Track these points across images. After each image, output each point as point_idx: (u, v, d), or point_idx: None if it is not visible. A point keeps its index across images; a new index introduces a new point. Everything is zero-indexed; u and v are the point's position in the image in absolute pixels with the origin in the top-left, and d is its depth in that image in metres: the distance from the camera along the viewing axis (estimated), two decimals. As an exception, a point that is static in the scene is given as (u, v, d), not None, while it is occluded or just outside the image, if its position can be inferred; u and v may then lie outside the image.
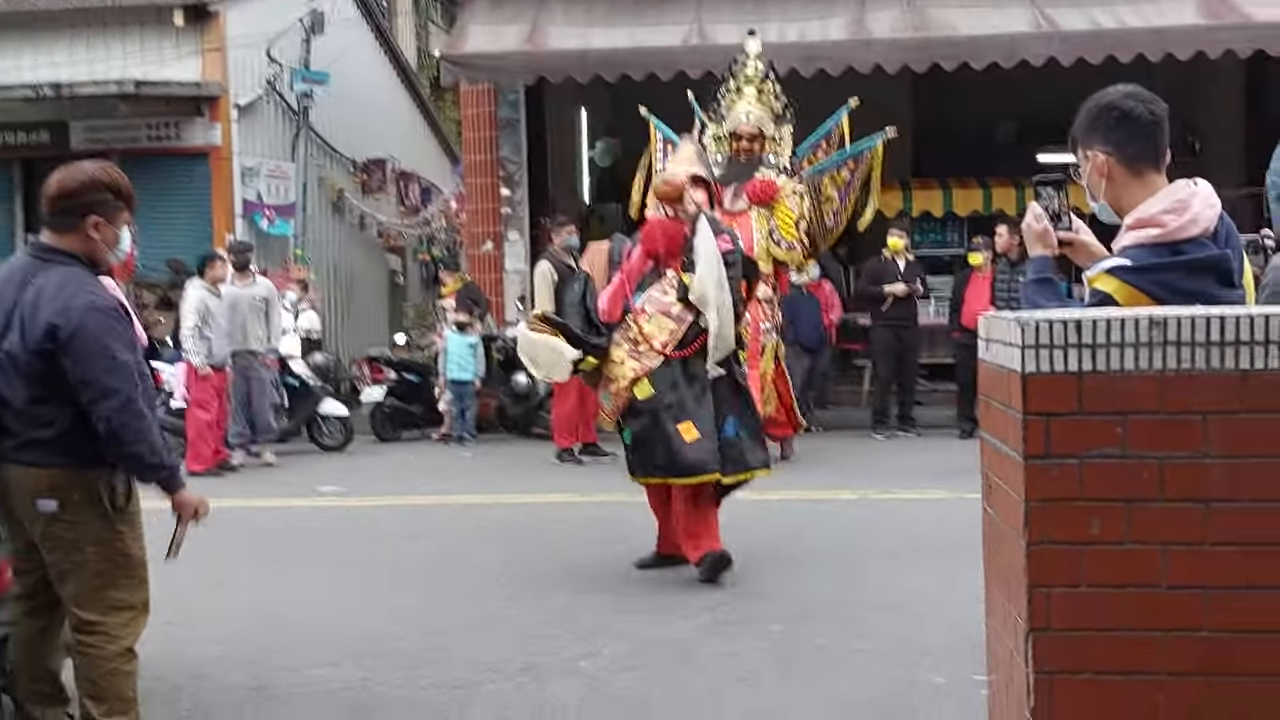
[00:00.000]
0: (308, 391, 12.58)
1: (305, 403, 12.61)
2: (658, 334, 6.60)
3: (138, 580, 4.12)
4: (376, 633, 5.78)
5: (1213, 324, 2.25)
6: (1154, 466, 2.25)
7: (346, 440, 12.70)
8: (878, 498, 9.19)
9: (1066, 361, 2.28)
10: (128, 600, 4.07)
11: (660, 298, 6.66)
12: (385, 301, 20.59)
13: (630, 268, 6.75)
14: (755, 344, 10.73)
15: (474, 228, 15.14)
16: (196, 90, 15.66)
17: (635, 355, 6.62)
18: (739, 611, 6.00)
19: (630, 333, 6.66)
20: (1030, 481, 2.28)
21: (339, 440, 12.66)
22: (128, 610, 4.07)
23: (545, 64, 13.61)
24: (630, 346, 6.65)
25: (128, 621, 4.07)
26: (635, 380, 6.57)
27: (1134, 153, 2.88)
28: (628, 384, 6.59)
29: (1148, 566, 2.25)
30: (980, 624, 3.09)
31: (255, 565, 7.34)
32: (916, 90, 16.48)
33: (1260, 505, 2.23)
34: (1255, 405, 2.23)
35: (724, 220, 10.66)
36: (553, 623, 5.89)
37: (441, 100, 23.74)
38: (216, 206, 15.92)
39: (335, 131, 18.50)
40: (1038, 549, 2.28)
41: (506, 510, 9.09)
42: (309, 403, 12.60)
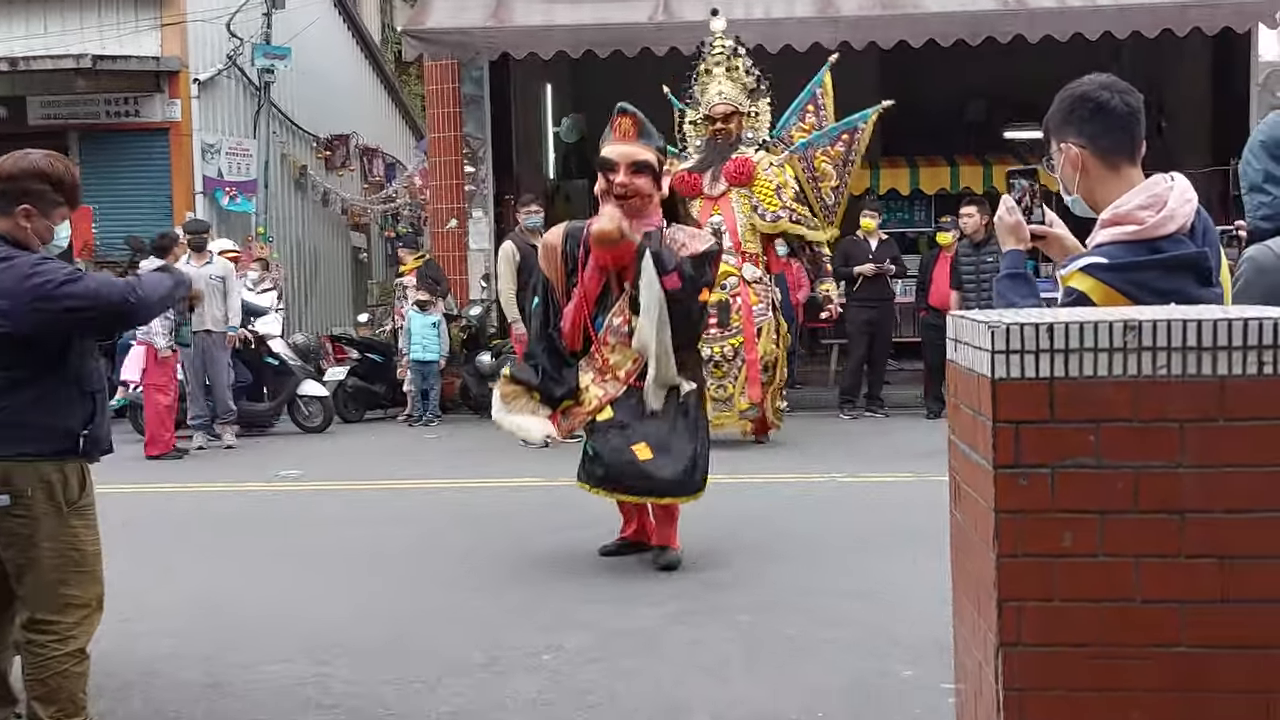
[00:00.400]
0: (288, 372, 12.43)
1: (285, 383, 12.45)
2: (622, 364, 6.49)
3: (91, 576, 4.01)
4: (334, 625, 5.67)
5: (1189, 328, 2.16)
6: (1128, 476, 2.17)
7: (327, 421, 12.54)
8: (845, 481, 9.13)
9: (1038, 367, 2.19)
10: (81, 597, 3.97)
11: (620, 327, 6.51)
12: (349, 279, 20.40)
13: (587, 288, 6.57)
14: (750, 328, 10.65)
15: (438, 205, 14.98)
16: (156, 65, 15.44)
17: (601, 383, 6.51)
18: (705, 600, 5.92)
19: (595, 362, 6.56)
20: (1000, 492, 2.19)
21: (319, 421, 12.50)
22: (82, 608, 3.97)
23: (509, 40, 13.45)
24: (596, 374, 6.55)
25: (81, 620, 3.96)
26: (599, 408, 6.47)
27: (1109, 145, 2.79)
28: (591, 410, 6.48)
29: (1122, 580, 2.17)
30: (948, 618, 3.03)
31: (211, 554, 7.20)
32: (883, 67, 16.40)
33: (1237, 517, 2.15)
34: (1233, 413, 2.15)
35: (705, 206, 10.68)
36: (515, 613, 5.79)
37: (406, 75, 23.50)
38: (176, 183, 15.71)
39: (298, 107, 18.28)
40: (1008, 562, 2.20)
41: (469, 495, 8.98)
42: (289, 383, 12.44)
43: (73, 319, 3.81)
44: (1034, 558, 2.19)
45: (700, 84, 10.94)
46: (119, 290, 3.89)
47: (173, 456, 10.84)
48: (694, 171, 10.80)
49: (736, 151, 10.78)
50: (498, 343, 13.25)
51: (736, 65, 10.89)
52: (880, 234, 13.05)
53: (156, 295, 4.02)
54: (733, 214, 10.74)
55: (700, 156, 10.91)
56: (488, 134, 14.71)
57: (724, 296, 10.54)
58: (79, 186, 4.04)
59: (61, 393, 3.89)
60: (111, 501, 8.26)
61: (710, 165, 10.78)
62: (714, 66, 10.82)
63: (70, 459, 3.92)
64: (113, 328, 4.14)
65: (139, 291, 3.93)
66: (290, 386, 12.47)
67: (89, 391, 3.96)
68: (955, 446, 2.55)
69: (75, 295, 3.78)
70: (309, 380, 12.64)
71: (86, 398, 3.95)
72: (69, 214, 4.00)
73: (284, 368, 12.45)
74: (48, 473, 3.85)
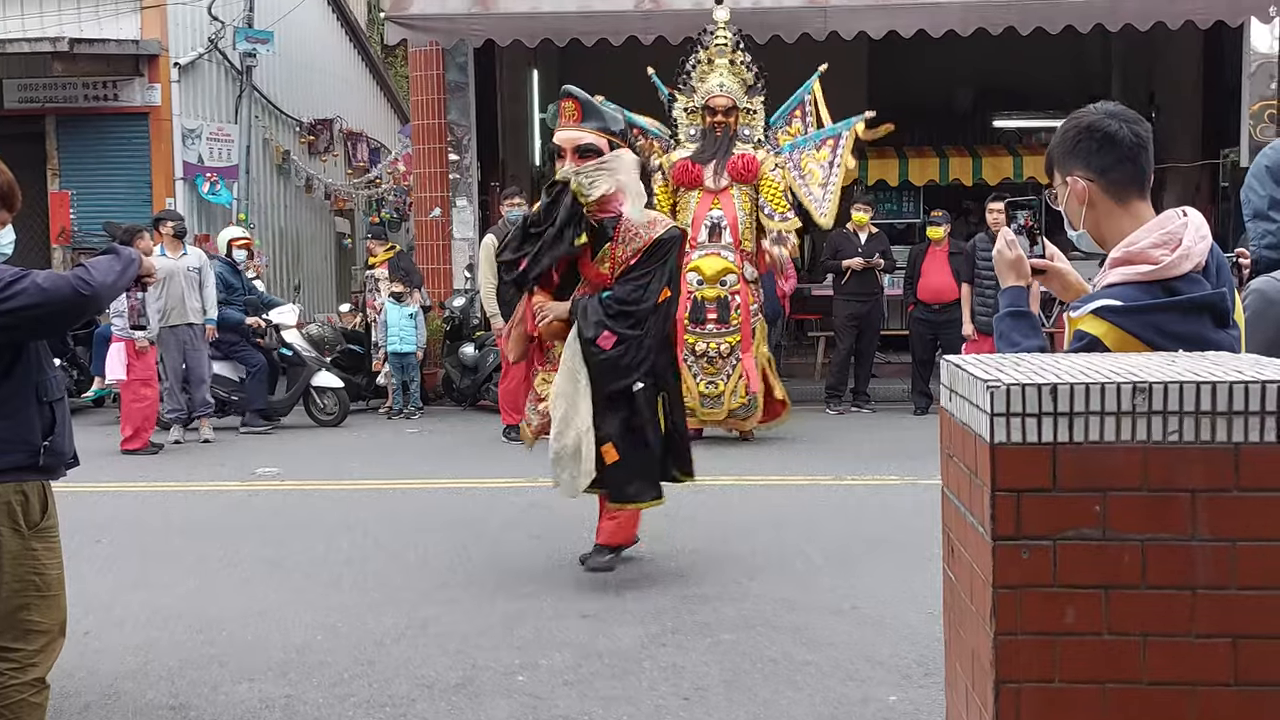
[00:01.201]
0: (301, 363, 12.24)
1: (299, 375, 12.27)
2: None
3: (54, 602, 3.85)
4: (304, 642, 5.50)
5: (1203, 391, 2.00)
6: (1136, 549, 2.01)
7: (343, 414, 12.36)
8: (830, 484, 8.98)
9: (1040, 431, 2.03)
10: (43, 624, 3.81)
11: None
12: (333, 266, 20.17)
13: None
14: (747, 327, 10.51)
15: (422, 193, 14.77)
16: (135, 49, 15.16)
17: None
18: (686, 619, 5.77)
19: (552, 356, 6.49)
20: (999, 565, 2.03)
21: (335, 414, 12.31)
22: (43, 634, 3.81)
23: (494, 26, 13.23)
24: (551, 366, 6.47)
25: (42, 647, 3.81)
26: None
27: (1118, 178, 2.63)
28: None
29: (1127, 660, 2.02)
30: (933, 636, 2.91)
31: (182, 561, 7.02)
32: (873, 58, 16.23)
33: (1253, 594, 2.00)
34: (1249, 482, 1.99)
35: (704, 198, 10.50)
36: (491, 631, 5.63)
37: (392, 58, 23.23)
38: (156, 169, 15.46)
39: (280, 91, 18.03)
40: (1006, 640, 2.04)
41: (449, 496, 8.81)
42: (303, 375, 12.25)
43: (23, 320, 3.61)
44: (1034, 635, 2.03)
45: (699, 72, 10.74)
46: (68, 283, 3.68)
47: (148, 452, 10.65)
48: (696, 162, 10.62)
49: (735, 148, 10.59)
50: (481, 334, 13.08)
51: (738, 59, 10.72)
52: (871, 227, 12.90)
53: (111, 279, 3.79)
54: (734, 209, 10.56)
55: (699, 147, 10.72)
56: (472, 121, 14.50)
57: (724, 294, 10.38)
58: (15, 189, 3.86)
59: (16, 403, 3.71)
60: (81, 501, 8.14)
61: (712, 158, 10.59)
62: (716, 57, 10.63)
63: (30, 477, 3.75)
64: (68, 323, 3.90)
65: (90, 280, 3.70)
66: (304, 378, 12.28)
67: (47, 402, 3.79)
68: (949, 502, 2.40)
69: (22, 294, 3.59)
70: (323, 371, 12.41)
71: (45, 408, 3.78)
72: (8, 219, 3.83)
73: (297, 359, 12.27)
74: (7, 494, 3.68)
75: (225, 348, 11.95)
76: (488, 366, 12.76)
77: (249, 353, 11.98)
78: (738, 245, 10.53)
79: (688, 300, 10.35)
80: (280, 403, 12.32)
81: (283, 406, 12.34)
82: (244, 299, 12.20)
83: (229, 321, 11.88)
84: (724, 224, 10.46)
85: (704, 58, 10.69)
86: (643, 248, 6.26)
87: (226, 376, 12.02)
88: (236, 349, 11.96)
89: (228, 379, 12.03)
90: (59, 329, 3.99)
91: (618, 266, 6.31)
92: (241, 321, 11.98)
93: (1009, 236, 2.74)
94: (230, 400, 12.03)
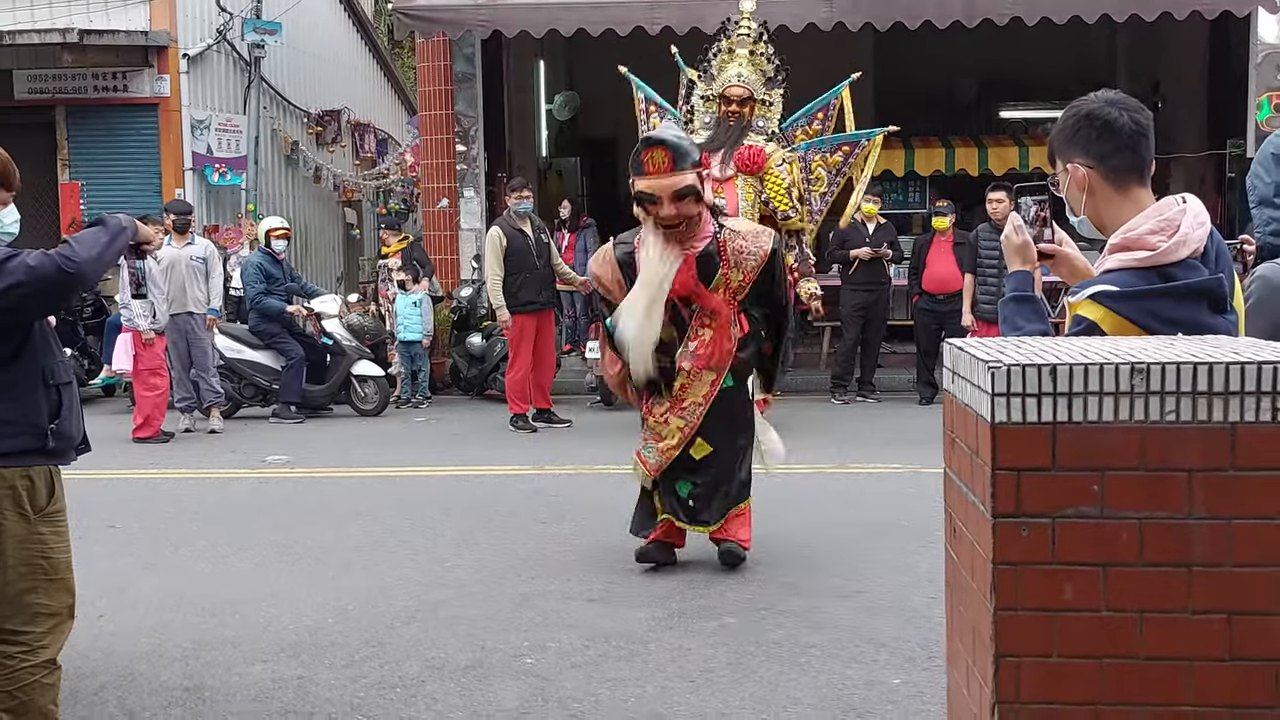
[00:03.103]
0: (341, 352, 12.29)
1: (339, 365, 12.31)
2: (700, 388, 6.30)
3: (62, 585, 3.89)
4: (316, 624, 5.57)
5: (1199, 372, 2.05)
6: (1133, 527, 2.07)
7: (383, 404, 12.38)
8: (834, 472, 9.04)
9: (1040, 411, 2.08)
10: (51, 606, 3.85)
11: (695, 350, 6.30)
12: (341, 256, 20.24)
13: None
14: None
15: (430, 184, 14.83)
16: (144, 40, 15.24)
17: (680, 412, 6.28)
18: (693, 602, 5.83)
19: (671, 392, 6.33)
20: (999, 542, 2.09)
21: (375, 404, 12.34)
22: (52, 617, 3.86)
23: (501, 17, 13.28)
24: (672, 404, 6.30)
25: (51, 629, 3.85)
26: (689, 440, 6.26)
27: (1117, 165, 2.68)
28: (676, 443, 6.26)
29: (1125, 636, 2.07)
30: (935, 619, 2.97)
31: (194, 545, 7.10)
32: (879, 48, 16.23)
33: (1248, 571, 2.05)
34: (1245, 462, 2.05)
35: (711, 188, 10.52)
36: (499, 614, 5.69)
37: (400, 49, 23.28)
38: (165, 160, 15.53)
39: (289, 82, 18.09)
40: (1006, 615, 2.09)
41: (457, 483, 8.88)
42: (343, 364, 12.30)
43: (13, 300, 3.63)
44: (1033, 611, 2.09)
45: (719, 61, 10.72)
46: (53, 261, 3.69)
47: (159, 440, 10.72)
48: (703, 150, 10.61)
49: (746, 138, 10.59)
50: (488, 324, 13.14)
51: (759, 51, 10.68)
52: (879, 217, 12.93)
53: (96, 251, 3.79)
54: (737, 198, 10.54)
55: (709, 135, 10.71)
56: (479, 112, 14.55)
57: None
58: (12, 168, 3.89)
59: (24, 387, 3.75)
60: (92, 486, 8.22)
61: (720, 146, 10.58)
62: (737, 47, 10.60)
63: (37, 461, 3.79)
64: (60, 299, 3.88)
65: (74, 256, 3.71)
66: (344, 367, 12.32)
67: (54, 385, 3.82)
68: (951, 483, 2.45)
69: (8, 274, 3.62)
70: (363, 361, 12.43)
71: (51, 391, 3.81)
72: (9, 198, 3.87)
73: (338, 348, 12.31)
74: (13, 479, 3.72)
75: (266, 338, 12.03)
76: (495, 356, 12.82)
77: (290, 343, 12.03)
78: None
79: None
80: (319, 392, 12.32)
81: (322, 395, 12.36)
82: (285, 287, 12.24)
83: (270, 311, 11.97)
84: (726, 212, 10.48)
85: (725, 47, 10.64)
86: (760, 265, 6.25)
87: (268, 365, 12.09)
88: (278, 339, 12.03)
89: (270, 368, 12.09)
90: (50, 307, 3.92)
91: (736, 289, 6.28)
92: (282, 311, 12.03)
93: (1017, 222, 2.79)
94: (271, 389, 12.10)
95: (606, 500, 7.91)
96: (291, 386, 12.00)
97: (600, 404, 12.31)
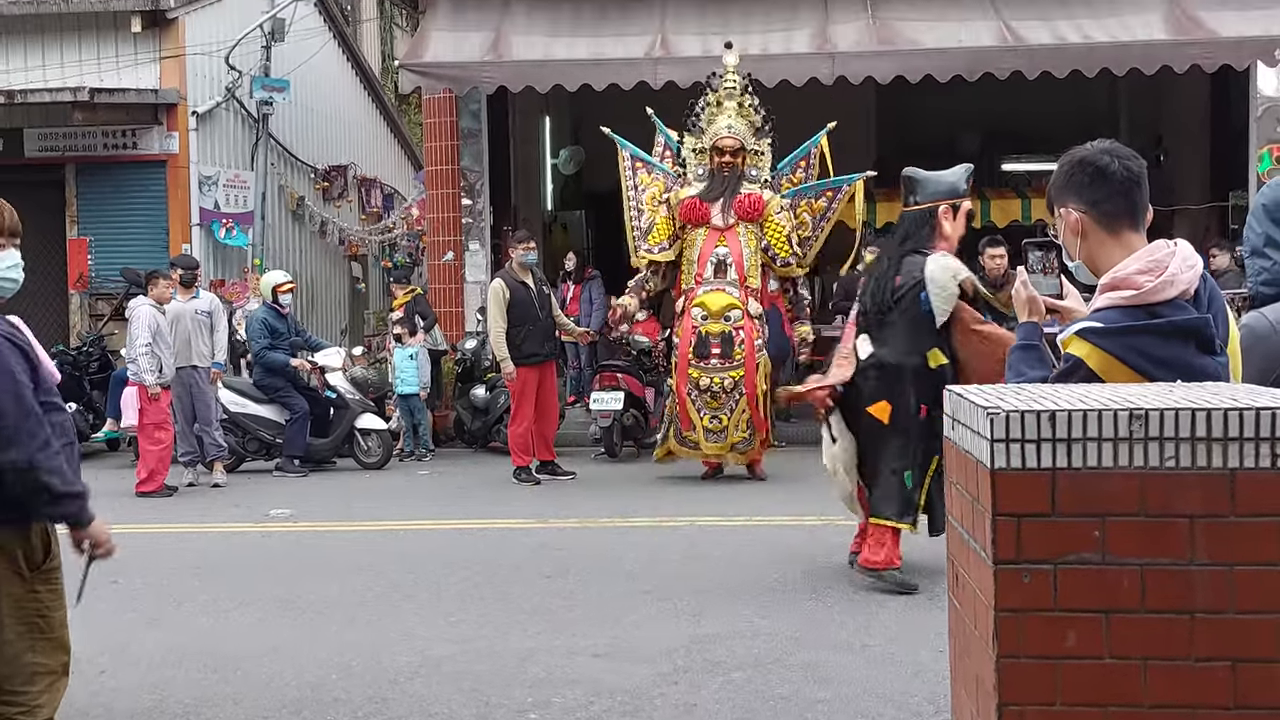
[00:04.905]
0: (344, 406, 12.29)
1: (342, 418, 12.31)
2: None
3: (57, 643, 3.86)
4: (319, 680, 5.53)
5: (1199, 418, 2.05)
6: (1135, 574, 2.06)
7: (386, 456, 12.38)
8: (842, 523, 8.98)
9: (1039, 457, 2.08)
10: (48, 665, 3.82)
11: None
12: (347, 310, 20.30)
13: None
14: (752, 362, 10.55)
15: (435, 237, 14.90)
16: (154, 98, 15.39)
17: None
18: (699, 656, 5.78)
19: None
20: (1000, 589, 2.08)
21: (379, 457, 12.33)
22: (48, 675, 3.83)
23: (506, 73, 13.39)
24: None
25: (47, 688, 3.82)
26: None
27: (1110, 210, 2.72)
28: None
29: (1129, 684, 2.06)
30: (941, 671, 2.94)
31: (196, 600, 7.07)
32: (881, 102, 16.35)
33: (1251, 618, 2.04)
34: (1245, 508, 2.04)
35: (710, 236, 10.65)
36: (504, 669, 5.65)
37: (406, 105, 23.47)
38: (173, 215, 15.63)
39: (296, 139, 18.24)
40: (1008, 663, 2.08)
41: (460, 537, 8.85)
42: (346, 417, 12.30)
43: None
44: (1036, 659, 2.08)
45: (709, 114, 10.89)
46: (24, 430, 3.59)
47: (162, 494, 10.71)
48: (703, 200, 10.73)
49: (742, 188, 10.72)
50: (492, 376, 13.15)
51: (746, 102, 10.86)
52: (881, 268, 12.97)
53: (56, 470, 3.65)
54: (739, 246, 10.66)
55: (706, 185, 10.83)
56: (485, 166, 14.65)
57: (728, 329, 10.49)
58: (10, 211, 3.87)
59: None
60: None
61: (718, 196, 10.71)
62: (725, 99, 10.77)
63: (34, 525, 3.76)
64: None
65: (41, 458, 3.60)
66: (348, 420, 12.33)
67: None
68: (953, 530, 2.44)
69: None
70: (367, 414, 12.45)
71: None
72: (7, 243, 3.84)
73: (341, 401, 12.32)
74: (8, 538, 3.70)
75: (270, 392, 12.04)
76: (498, 408, 12.82)
77: (294, 397, 12.04)
78: (743, 282, 10.64)
79: (692, 335, 10.49)
80: (323, 446, 12.31)
81: (326, 449, 12.35)
82: (289, 342, 12.28)
83: (274, 365, 11.98)
84: (729, 261, 10.57)
85: (713, 100, 10.84)
86: None
87: (272, 419, 12.09)
88: (282, 393, 12.04)
89: (273, 422, 12.09)
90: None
91: None
92: (286, 365, 12.05)
93: (1024, 276, 2.83)
94: (275, 443, 12.09)
95: (611, 553, 7.89)
96: (295, 441, 11.99)
97: (604, 456, 12.28)
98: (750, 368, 10.60)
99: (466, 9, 14.05)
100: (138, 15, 15.33)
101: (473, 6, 14.05)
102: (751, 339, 10.62)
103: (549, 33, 13.66)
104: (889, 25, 13.28)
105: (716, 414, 10.54)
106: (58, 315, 15.52)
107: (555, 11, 13.89)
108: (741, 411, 10.59)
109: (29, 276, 4.03)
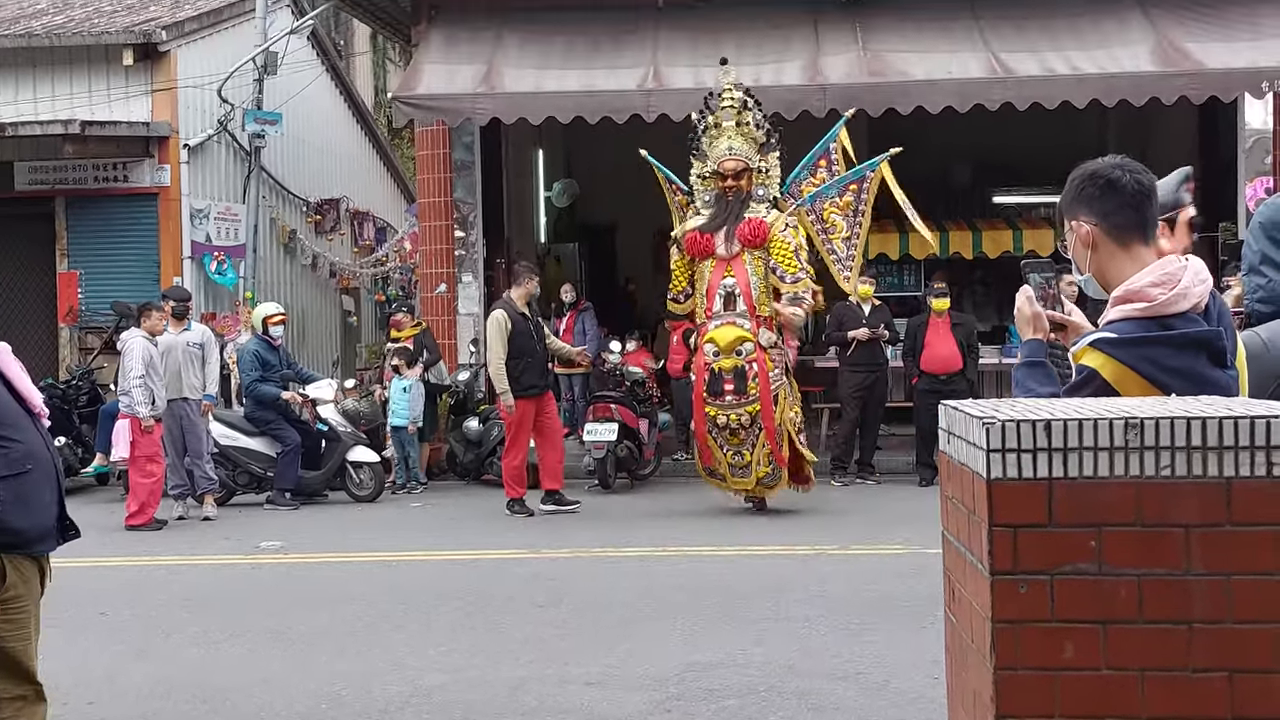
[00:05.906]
0: (336, 438, 12.24)
1: (334, 451, 12.26)
2: None
3: (17, 671, 3.79)
4: (309, 711, 5.49)
5: (1194, 427, 2.04)
6: (1132, 584, 2.04)
7: (378, 489, 12.31)
8: (835, 553, 8.97)
9: (1035, 466, 2.07)
10: (12, 691, 3.77)
11: None
12: (338, 342, 20.29)
13: None
14: (767, 394, 10.31)
15: (428, 269, 14.90)
16: (145, 130, 15.39)
17: None
18: (691, 685, 5.74)
19: None
20: (997, 600, 2.06)
21: (370, 490, 12.27)
22: (14, 701, 3.78)
23: (499, 106, 13.42)
24: None
25: (17, 713, 3.77)
26: None
27: (1120, 223, 2.72)
28: None
29: (1126, 695, 2.04)
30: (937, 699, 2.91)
31: (185, 632, 7.01)
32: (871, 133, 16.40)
33: (1248, 628, 2.03)
34: (1242, 517, 2.03)
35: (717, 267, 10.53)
36: (496, 698, 5.61)
37: (399, 139, 23.54)
38: (164, 248, 15.59)
39: (288, 172, 18.25)
40: (1006, 675, 2.06)
41: (452, 567, 8.80)
42: (338, 450, 12.25)
43: None
44: (1033, 670, 2.06)
45: (709, 137, 10.68)
46: None
47: (152, 528, 10.64)
48: (705, 231, 10.56)
49: (749, 210, 10.54)
50: (485, 408, 13.12)
51: (747, 119, 10.64)
52: (874, 299, 12.99)
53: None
54: (746, 275, 10.46)
55: (710, 214, 10.66)
56: (478, 199, 14.66)
57: (740, 363, 10.29)
58: None
59: None
60: (85, 574, 8.14)
61: (722, 224, 10.51)
62: (724, 120, 10.57)
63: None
64: None
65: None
66: (339, 453, 12.28)
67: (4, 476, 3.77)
68: (949, 543, 2.43)
69: None
70: (358, 446, 12.40)
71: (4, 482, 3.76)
72: None
73: (333, 434, 12.27)
74: None
75: (262, 424, 11.99)
76: (491, 441, 12.78)
77: (285, 430, 11.99)
78: (753, 311, 10.39)
79: (705, 372, 10.34)
80: (315, 479, 12.25)
81: (317, 482, 12.29)
82: (280, 374, 12.24)
83: (265, 397, 11.93)
84: (737, 291, 10.37)
85: (712, 122, 10.63)
86: None
87: (263, 452, 12.03)
88: (273, 426, 11.99)
89: (265, 455, 12.03)
90: None
91: None
92: (277, 397, 12.00)
93: (1028, 294, 2.82)
94: (266, 476, 12.04)
95: (604, 583, 7.85)
96: (287, 474, 11.93)
97: (598, 487, 12.24)
98: (766, 401, 10.35)
99: (459, 42, 14.10)
100: (129, 48, 15.35)
101: (465, 39, 14.11)
102: (765, 371, 10.37)
103: (540, 65, 13.70)
104: (880, 57, 13.35)
105: (739, 450, 10.39)
106: (47, 349, 15.45)
107: (547, 44, 13.94)
108: (762, 446, 10.40)
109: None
